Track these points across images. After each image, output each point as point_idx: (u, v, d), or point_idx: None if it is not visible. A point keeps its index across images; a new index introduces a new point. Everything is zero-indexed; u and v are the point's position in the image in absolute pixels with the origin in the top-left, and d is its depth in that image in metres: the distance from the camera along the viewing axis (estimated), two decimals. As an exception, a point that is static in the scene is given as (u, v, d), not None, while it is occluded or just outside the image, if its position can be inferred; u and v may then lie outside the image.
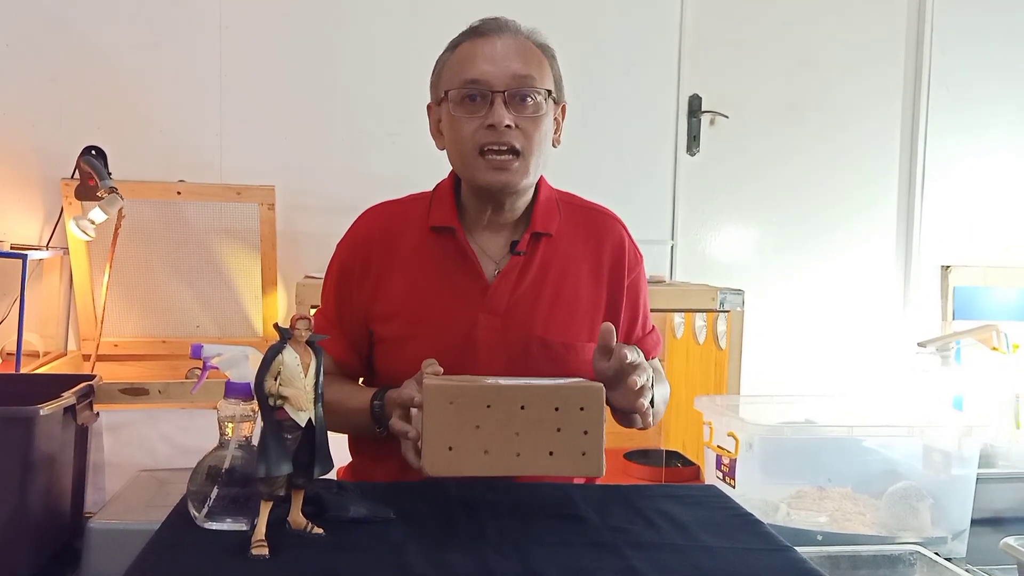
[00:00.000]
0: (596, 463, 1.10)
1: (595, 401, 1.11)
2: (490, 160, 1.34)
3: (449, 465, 1.07)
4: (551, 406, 1.09)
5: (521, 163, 1.35)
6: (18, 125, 2.62)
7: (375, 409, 1.35)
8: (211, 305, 2.72)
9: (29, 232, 2.62)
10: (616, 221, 1.52)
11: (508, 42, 1.36)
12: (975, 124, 3.20)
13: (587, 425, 1.10)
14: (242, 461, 1.05)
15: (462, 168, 1.39)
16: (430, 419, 1.07)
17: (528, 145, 1.34)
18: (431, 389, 1.09)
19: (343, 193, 2.74)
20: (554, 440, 1.09)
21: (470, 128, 1.34)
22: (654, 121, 3.03)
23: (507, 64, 1.33)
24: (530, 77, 1.34)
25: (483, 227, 1.44)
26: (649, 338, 1.55)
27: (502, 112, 1.32)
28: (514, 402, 1.09)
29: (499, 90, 1.32)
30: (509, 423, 1.08)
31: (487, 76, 1.33)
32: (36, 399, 1.33)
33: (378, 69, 2.79)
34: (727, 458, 1.50)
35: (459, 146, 1.36)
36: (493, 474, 1.09)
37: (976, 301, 3.20)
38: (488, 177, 1.35)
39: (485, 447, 1.07)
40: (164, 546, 1.00)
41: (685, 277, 3.01)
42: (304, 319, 0.99)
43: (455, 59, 1.38)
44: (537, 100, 1.35)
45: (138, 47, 2.67)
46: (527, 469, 1.09)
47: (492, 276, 1.41)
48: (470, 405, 1.08)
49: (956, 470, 1.52)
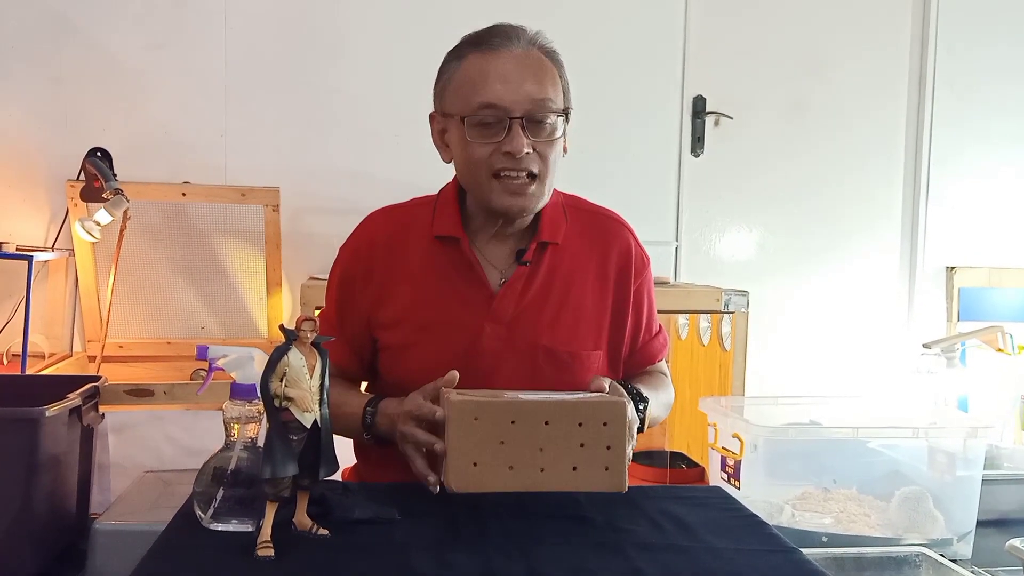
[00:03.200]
0: (619, 478, 1.11)
1: (618, 416, 1.11)
2: (506, 184, 1.31)
3: (474, 481, 1.07)
4: (575, 421, 1.10)
5: (538, 187, 1.33)
6: (23, 127, 2.63)
7: (366, 417, 1.34)
8: (216, 306, 2.72)
9: (35, 233, 2.63)
10: (623, 226, 1.50)
11: (520, 57, 1.31)
12: (980, 124, 3.20)
13: (610, 440, 1.10)
14: (248, 462, 1.05)
15: (475, 189, 1.36)
16: (454, 435, 1.07)
17: (544, 168, 1.32)
18: (456, 404, 1.09)
19: (348, 194, 2.74)
20: (578, 455, 1.09)
21: (484, 152, 1.30)
22: (658, 122, 3.02)
23: (522, 86, 1.29)
24: (547, 100, 1.30)
25: (489, 236, 1.42)
26: (655, 341, 1.54)
27: (521, 140, 1.28)
28: (538, 418, 1.09)
29: (516, 116, 1.28)
30: (533, 438, 1.08)
31: (503, 101, 1.28)
32: (42, 400, 1.34)
33: (383, 70, 2.80)
34: (732, 459, 1.50)
35: (472, 169, 1.33)
36: (517, 489, 1.09)
37: (981, 302, 3.19)
38: (504, 202, 1.32)
39: (510, 463, 1.08)
40: (170, 547, 1.00)
41: (689, 278, 3.00)
42: (309, 320, 0.99)
43: (464, 75, 1.32)
44: (554, 122, 1.32)
45: (143, 49, 2.67)
46: (551, 484, 1.09)
47: (497, 286, 1.40)
48: (495, 421, 1.08)
49: (961, 472, 1.51)
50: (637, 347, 1.51)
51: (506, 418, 1.08)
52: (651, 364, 1.55)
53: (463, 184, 1.40)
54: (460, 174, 1.39)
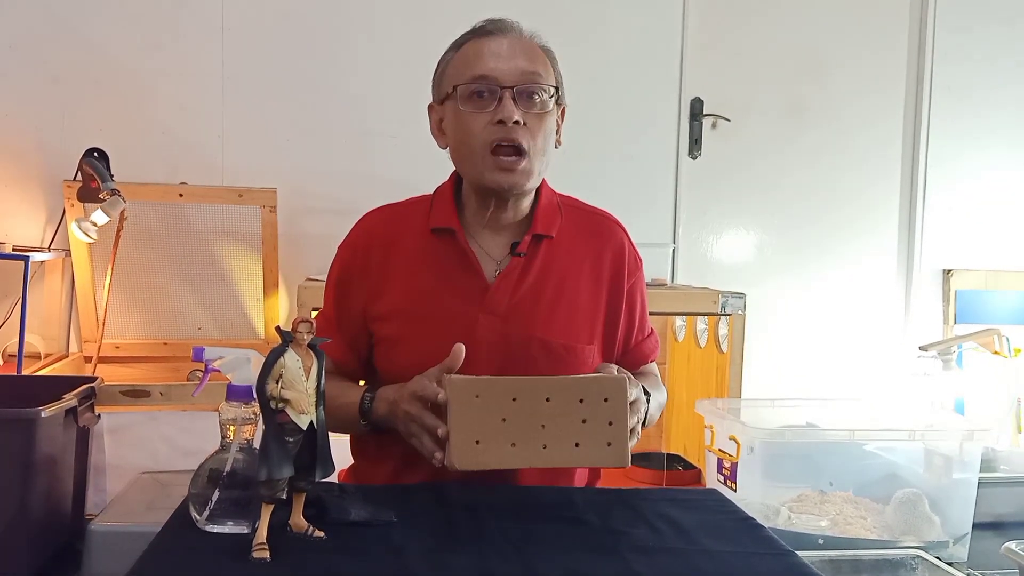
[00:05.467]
0: (621, 453, 1.12)
1: (619, 392, 1.12)
2: (498, 160, 1.34)
3: (477, 459, 1.08)
4: (576, 397, 1.11)
5: (527, 163, 1.35)
6: (20, 126, 2.62)
7: (364, 402, 1.36)
8: (212, 307, 2.72)
9: (31, 234, 2.62)
10: (617, 225, 1.53)
11: (513, 40, 1.37)
12: (977, 128, 3.20)
13: (612, 416, 1.11)
14: (243, 464, 1.05)
15: (468, 166, 1.39)
16: (456, 413, 1.08)
17: (533, 144, 1.35)
18: (456, 383, 1.10)
19: (345, 195, 2.74)
20: (580, 431, 1.10)
21: (478, 124, 1.34)
22: (656, 124, 3.03)
23: (515, 61, 1.35)
24: (537, 74, 1.35)
25: (484, 227, 1.44)
26: (647, 342, 1.56)
27: (511, 107, 1.33)
28: (540, 394, 1.10)
29: (508, 86, 1.33)
30: (535, 415, 1.09)
31: (495, 72, 1.34)
32: (38, 401, 1.34)
33: (380, 71, 2.79)
34: (728, 462, 1.50)
35: (466, 143, 1.37)
36: (520, 466, 1.10)
37: (978, 305, 3.19)
38: (496, 177, 1.35)
39: (512, 440, 1.09)
40: (165, 549, 1.00)
41: (687, 280, 3.01)
42: (306, 322, 0.99)
43: (460, 57, 1.39)
44: (544, 98, 1.36)
45: (140, 48, 2.67)
46: (554, 461, 1.10)
47: (492, 276, 1.41)
48: (496, 398, 1.09)
49: (958, 474, 1.52)
50: (630, 346, 1.52)
51: (507, 395, 1.09)
52: (643, 364, 1.56)
53: (458, 167, 1.43)
54: (455, 155, 1.42)
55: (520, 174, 1.35)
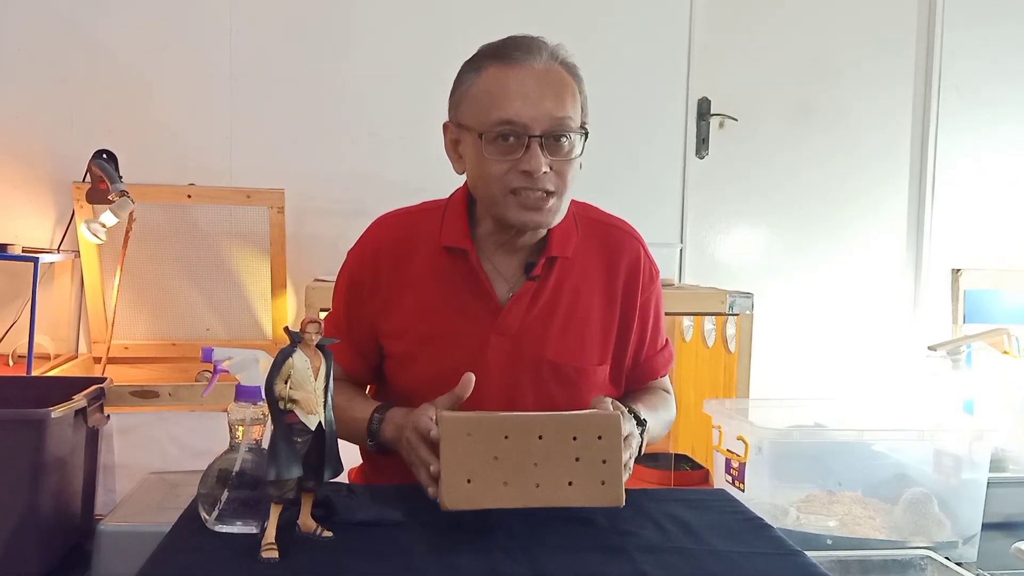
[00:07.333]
0: (616, 493, 1.09)
1: (613, 430, 1.10)
2: (523, 199, 1.28)
3: (468, 498, 1.06)
4: (569, 435, 1.09)
5: (555, 203, 1.30)
6: (29, 128, 2.64)
7: (373, 423, 1.34)
8: (221, 308, 2.73)
9: (40, 235, 2.64)
10: (633, 237, 1.48)
11: (540, 73, 1.28)
12: (985, 127, 3.19)
13: (605, 454, 1.09)
14: (252, 464, 1.05)
15: (489, 205, 1.33)
16: (448, 452, 1.06)
17: (562, 186, 1.29)
18: (448, 421, 1.08)
19: (353, 196, 2.74)
20: (573, 470, 1.08)
21: (501, 170, 1.28)
22: (663, 124, 3.03)
23: (542, 104, 1.26)
24: (566, 119, 1.27)
25: (498, 247, 1.39)
26: (660, 356, 1.52)
27: (539, 159, 1.25)
28: (532, 432, 1.08)
29: (535, 134, 1.26)
30: (527, 454, 1.07)
31: (523, 118, 1.25)
32: (47, 402, 1.34)
33: (388, 72, 2.80)
34: (736, 462, 1.49)
35: (487, 185, 1.30)
36: (512, 506, 1.07)
37: (987, 304, 3.18)
38: (521, 217, 1.30)
39: (504, 479, 1.07)
40: (174, 549, 1.00)
41: (694, 280, 3.00)
42: (314, 323, 1.00)
43: (482, 89, 1.29)
44: (573, 140, 1.29)
45: (149, 50, 2.68)
46: (547, 500, 1.08)
47: (505, 298, 1.38)
48: (488, 436, 1.07)
49: (967, 474, 1.51)
50: (640, 360, 1.49)
51: (499, 433, 1.07)
52: (653, 379, 1.53)
53: (476, 196, 1.37)
54: (474, 187, 1.36)
55: (547, 213, 1.30)
